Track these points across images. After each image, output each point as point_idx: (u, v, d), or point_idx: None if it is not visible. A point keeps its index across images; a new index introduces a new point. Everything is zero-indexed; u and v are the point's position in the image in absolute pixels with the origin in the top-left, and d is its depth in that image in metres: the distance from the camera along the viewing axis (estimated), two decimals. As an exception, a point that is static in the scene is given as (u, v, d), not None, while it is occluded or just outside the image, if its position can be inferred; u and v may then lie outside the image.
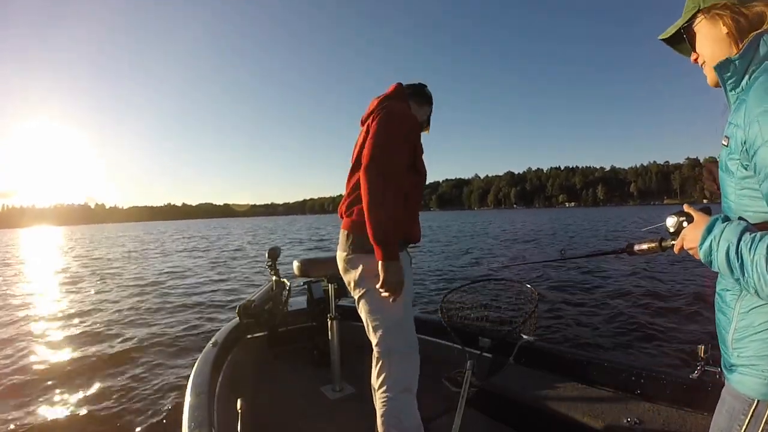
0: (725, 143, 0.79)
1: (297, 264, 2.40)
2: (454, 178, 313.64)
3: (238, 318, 2.56)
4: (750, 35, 0.78)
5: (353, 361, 2.43)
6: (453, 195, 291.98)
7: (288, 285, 2.88)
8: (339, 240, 1.58)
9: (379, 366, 1.49)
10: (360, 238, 1.46)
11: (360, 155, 1.50)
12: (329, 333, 2.40)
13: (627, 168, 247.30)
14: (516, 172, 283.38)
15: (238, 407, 1.43)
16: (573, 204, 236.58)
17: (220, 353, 2.22)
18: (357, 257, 1.49)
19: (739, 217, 0.77)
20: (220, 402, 1.83)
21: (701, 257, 0.77)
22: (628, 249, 1.10)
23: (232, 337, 2.52)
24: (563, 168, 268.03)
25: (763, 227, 0.72)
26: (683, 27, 0.89)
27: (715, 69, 0.82)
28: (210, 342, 2.31)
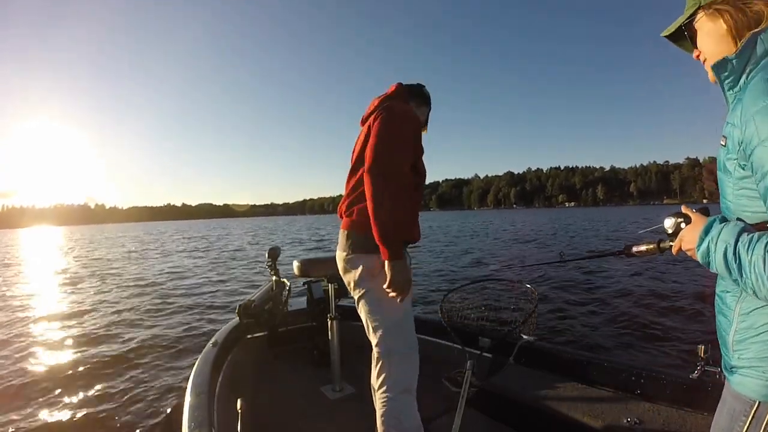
0: (723, 143, 0.78)
1: (297, 264, 2.40)
2: (453, 178, 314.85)
3: (238, 318, 2.56)
4: (747, 34, 0.77)
5: (353, 361, 2.43)
6: (453, 195, 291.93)
7: (288, 285, 2.88)
8: (339, 240, 1.57)
9: (379, 366, 1.49)
10: (360, 238, 1.46)
11: (360, 155, 1.50)
12: (329, 333, 2.40)
13: (627, 168, 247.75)
14: (516, 172, 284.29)
15: (238, 407, 1.43)
16: (573, 204, 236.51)
17: (220, 353, 2.22)
18: (357, 257, 1.48)
19: (738, 218, 0.76)
20: (220, 402, 1.83)
21: (699, 258, 0.77)
22: (626, 251, 1.09)
23: (232, 337, 2.51)
24: (563, 168, 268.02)
25: (761, 227, 0.71)
26: (684, 24, 0.88)
27: (713, 68, 0.82)
28: (210, 342, 2.31)
